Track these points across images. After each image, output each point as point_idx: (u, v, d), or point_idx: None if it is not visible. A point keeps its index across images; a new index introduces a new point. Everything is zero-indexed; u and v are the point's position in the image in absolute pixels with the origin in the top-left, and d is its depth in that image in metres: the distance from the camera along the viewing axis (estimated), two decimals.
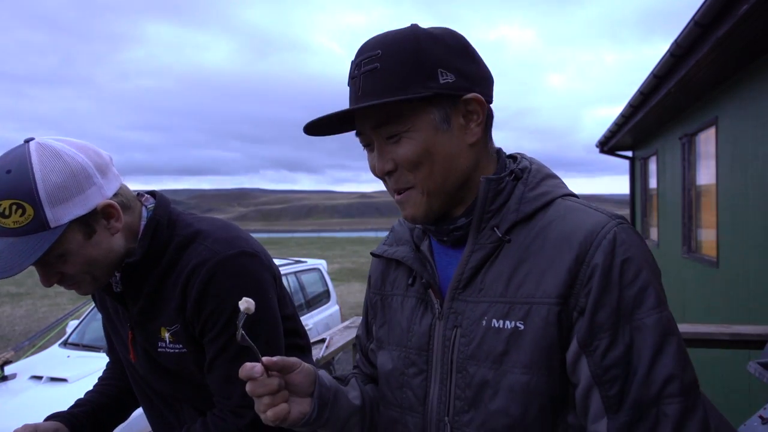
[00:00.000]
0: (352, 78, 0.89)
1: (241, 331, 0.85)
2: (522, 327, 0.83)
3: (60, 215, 1.04)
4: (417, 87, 0.84)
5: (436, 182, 0.88)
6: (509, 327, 0.84)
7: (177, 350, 1.21)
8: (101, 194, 1.11)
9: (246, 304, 0.87)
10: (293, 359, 0.90)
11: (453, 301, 0.91)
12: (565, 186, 0.94)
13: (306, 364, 0.93)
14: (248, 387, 0.85)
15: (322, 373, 0.97)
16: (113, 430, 1.45)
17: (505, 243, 0.88)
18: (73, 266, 1.11)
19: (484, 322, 0.86)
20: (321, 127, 0.92)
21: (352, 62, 0.90)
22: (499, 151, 0.98)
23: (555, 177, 0.95)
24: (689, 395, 0.78)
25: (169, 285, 1.19)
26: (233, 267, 1.17)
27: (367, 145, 0.93)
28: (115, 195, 1.15)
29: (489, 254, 0.89)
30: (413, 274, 0.99)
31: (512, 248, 0.87)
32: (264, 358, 0.86)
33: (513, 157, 0.99)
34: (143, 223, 1.22)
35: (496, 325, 0.85)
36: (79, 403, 1.43)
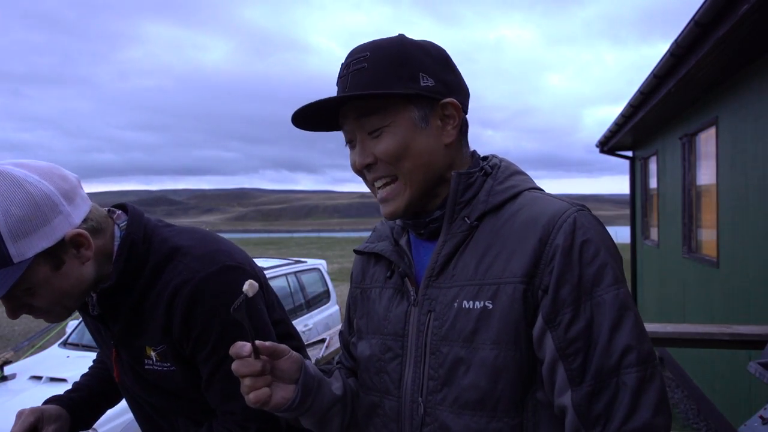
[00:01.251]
0: (341, 77, 0.95)
1: (242, 311, 0.86)
2: (491, 306, 0.88)
3: (24, 249, 0.98)
4: (400, 85, 0.91)
5: (414, 174, 0.94)
6: (479, 307, 0.89)
7: (165, 368, 1.18)
8: (68, 223, 1.04)
9: (248, 286, 0.88)
10: (283, 346, 0.94)
11: (427, 288, 0.96)
12: (532, 181, 1.01)
13: (294, 352, 0.96)
14: (233, 365, 0.88)
15: (308, 362, 1.01)
16: (106, 411, 1.48)
17: (474, 230, 0.94)
18: (42, 299, 1.06)
19: (455, 305, 0.92)
20: (308, 120, 0.98)
21: (342, 64, 0.96)
22: (473, 153, 1.05)
23: (522, 173, 1.02)
24: (646, 365, 0.83)
25: (148, 305, 1.15)
26: (217, 284, 1.12)
27: (350, 141, 0.99)
28: (85, 220, 1.08)
29: (460, 242, 0.95)
30: (392, 267, 1.04)
31: (481, 235, 0.94)
32: (256, 341, 0.88)
33: (486, 158, 1.06)
34: (116, 243, 1.15)
35: (467, 306, 0.90)
36: (76, 388, 1.45)
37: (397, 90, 0.90)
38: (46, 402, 1.35)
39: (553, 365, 0.86)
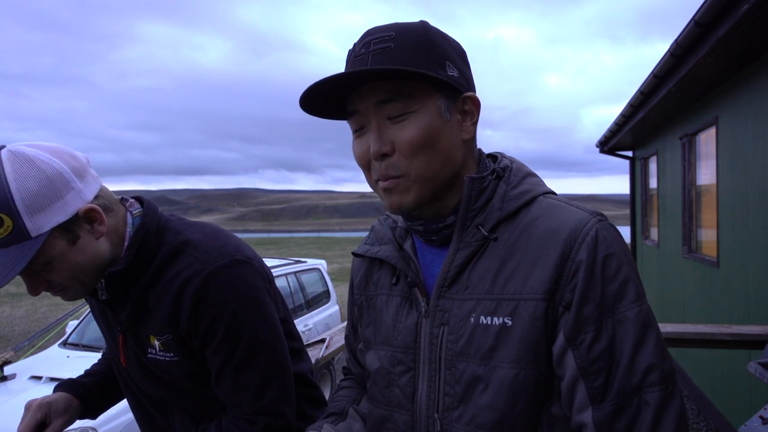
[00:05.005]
0: (358, 56, 0.85)
1: None
2: (510, 323, 0.85)
3: (40, 224, 1.02)
4: (431, 70, 0.84)
5: (432, 171, 0.87)
6: (497, 323, 0.85)
7: (168, 358, 1.19)
8: (81, 198, 1.08)
9: None
10: None
11: (439, 299, 0.91)
12: (544, 184, 0.97)
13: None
14: None
15: (327, 427, 0.98)
16: (116, 402, 1.47)
17: (489, 240, 0.89)
18: (60, 273, 1.10)
19: (471, 319, 0.87)
20: (316, 102, 0.88)
21: (357, 43, 0.87)
22: (480, 151, 0.99)
23: (535, 175, 0.97)
24: (668, 383, 0.81)
25: (155, 294, 1.17)
26: (226, 277, 1.15)
27: (359, 129, 0.89)
28: (96, 197, 1.12)
29: (474, 252, 0.90)
30: (397, 273, 0.99)
31: (498, 246, 0.89)
32: None
33: (493, 157, 1.00)
34: (129, 230, 1.19)
35: (484, 322, 0.86)
36: (88, 373, 1.45)
37: (431, 73, 0.83)
38: (58, 387, 1.36)
39: (574, 383, 0.83)
